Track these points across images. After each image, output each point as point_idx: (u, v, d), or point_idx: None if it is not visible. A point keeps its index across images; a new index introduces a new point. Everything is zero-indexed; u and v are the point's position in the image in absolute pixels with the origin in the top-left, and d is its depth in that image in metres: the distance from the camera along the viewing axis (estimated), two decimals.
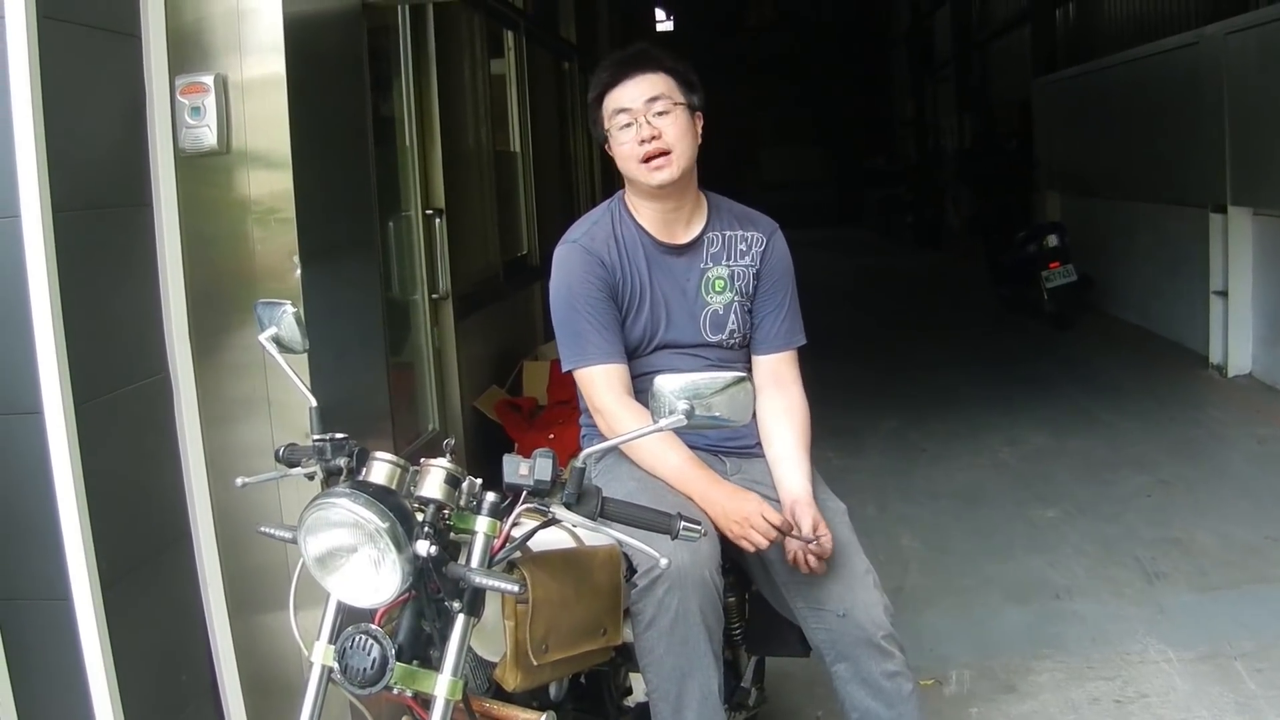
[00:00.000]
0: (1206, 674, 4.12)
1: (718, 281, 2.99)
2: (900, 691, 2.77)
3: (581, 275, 2.90)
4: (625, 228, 2.97)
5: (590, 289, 2.89)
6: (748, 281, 3.01)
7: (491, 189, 7.01)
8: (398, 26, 5.27)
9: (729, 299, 2.99)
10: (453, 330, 5.77)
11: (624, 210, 3.00)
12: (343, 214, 3.62)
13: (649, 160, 2.85)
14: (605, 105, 2.91)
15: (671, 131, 2.87)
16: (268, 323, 2.38)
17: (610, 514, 2.15)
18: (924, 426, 8.05)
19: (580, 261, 2.91)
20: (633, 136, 2.86)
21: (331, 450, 2.20)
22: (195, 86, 3.07)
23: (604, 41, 12.74)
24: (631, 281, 2.93)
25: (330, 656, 2.09)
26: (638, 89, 2.87)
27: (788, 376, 3.06)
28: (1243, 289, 8.68)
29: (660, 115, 2.86)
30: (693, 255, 2.99)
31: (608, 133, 2.92)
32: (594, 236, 2.95)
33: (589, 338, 2.89)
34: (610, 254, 2.93)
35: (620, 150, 2.90)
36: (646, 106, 2.85)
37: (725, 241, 3.01)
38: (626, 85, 2.88)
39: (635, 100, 2.86)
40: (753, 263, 3.02)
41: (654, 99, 2.86)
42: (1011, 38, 18.00)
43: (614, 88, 2.89)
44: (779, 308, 3.05)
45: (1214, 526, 5.62)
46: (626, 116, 2.86)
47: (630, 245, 2.95)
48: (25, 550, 2.74)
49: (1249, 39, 8.34)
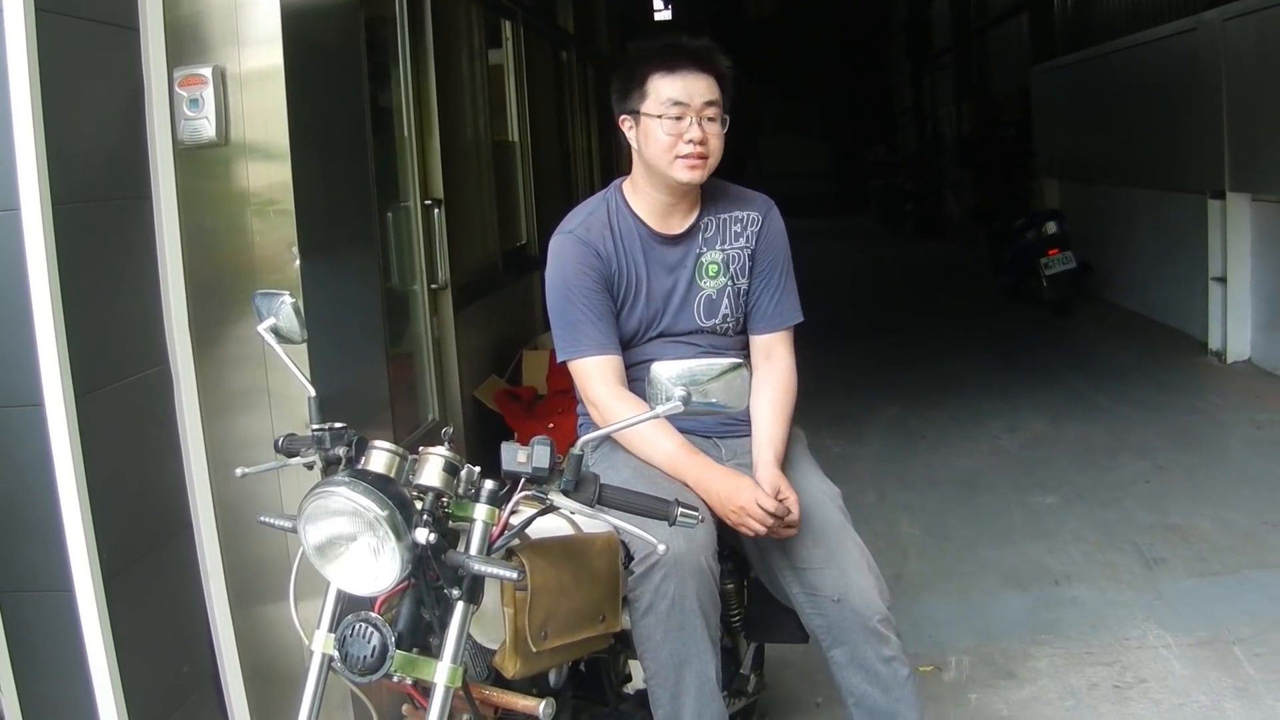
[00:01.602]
0: (1205, 659, 4.13)
1: (711, 266, 2.98)
2: (897, 676, 2.77)
3: (576, 266, 2.90)
4: (622, 217, 2.97)
5: (585, 280, 2.89)
6: (743, 263, 3.01)
7: (490, 179, 7.00)
8: (395, 17, 5.27)
9: (722, 284, 2.99)
10: (452, 320, 5.76)
11: (621, 199, 3.00)
12: (341, 205, 3.62)
13: (686, 157, 2.84)
14: (653, 86, 2.85)
15: (715, 140, 2.86)
16: (266, 313, 2.39)
17: (608, 501, 2.16)
18: (923, 413, 8.06)
19: (575, 252, 2.91)
20: (677, 130, 2.82)
21: (331, 439, 2.20)
22: (193, 79, 3.07)
23: (602, 31, 12.73)
24: (627, 272, 2.93)
25: (330, 645, 2.10)
26: (699, 87, 2.83)
27: (779, 353, 3.06)
28: (1241, 275, 8.69)
29: (710, 121, 2.85)
30: (688, 242, 2.98)
31: (641, 112, 2.87)
32: (589, 227, 2.95)
33: (583, 329, 2.89)
34: (606, 244, 2.92)
35: (655, 137, 2.85)
36: (703, 108, 2.83)
37: (720, 225, 3.01)
38: (688, 78, 2.83)
39: (694, 98, 2.82)
40: (748, 243, 3.01)
41: (710, 103, 2.84)
42: (1010, 25, 17.98)
43: (671, 74, 2.84)
44: (775, 286, 3.04)
45: (1212, 512, 5.63)
46: (681, 110, 2.82)
47: (626, 235, 2.95)
48: (26, 542, 2.74)
49: (1247, 25, 8.34)
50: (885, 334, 11.50)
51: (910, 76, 26.09)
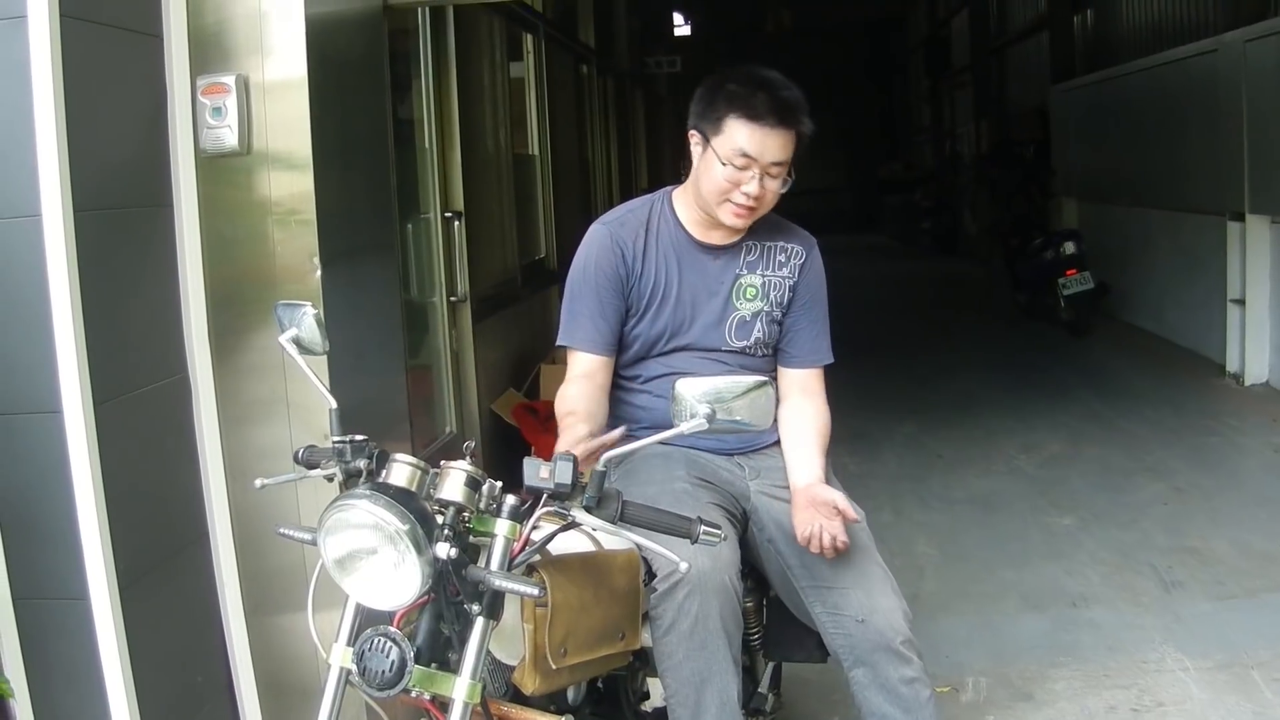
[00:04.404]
0: (1223, 683, 4.10)
1: (750, 289, 2.97)
2: (918, 698, 2.76)
3: (599, 259, 2.92)
4: (663, 221, 2.97)
5: (602, 275, 2.91)
6: (783, 293, 3.00)
7: (510, 192, 7.02)
8: (418, 29, 5.27)
9: (758, 308, 2.97)
10: (470, 333, 5.76)
11: (668, 205, 3.00)
12: (363, 216, 3.62)
13: (737, 205, 2.82)
14: (729, 127, 2.78)
15: (771, 196, 2.84)
16: (288, 324, 2.37)
17: (630, 518, 2.14)
18: (940, 432, 8.04)
19: (603, 245, 2.93)
20: (736, 179, 2.78)
21: (351, 452, 2.19)
22: (217, 87, 3.08)
23: (622, 45, 12.76)
24: (656, 274, 2.92)
25: (348, 658, 2.09)
26: (772, 144, 2.77)
27: (814, 388, 3.06)
28: (1260, 297, 8.65)
29: (772, 179, 2.81)
30: (729, 259, 2.97)
31: (710, 143, 2.82)
32: (624, 222, 2.96)
33: (582, 321, 2.92)
34: (637, 243, 2.92)
35: (713, 175, 2.81)
36: (769, 166, 2.78)
37: (764, 251, 3.00)
38: (765, 133, 2.76)
39: (764, 155, 2.77)
40: (790, 275, 3.00)
41: (778, 163, 2.79)
42: (1029, 44, 17.95)
43: (750, 124, 2.76)
44: (812, 324, 3.04)
45: (1231, 535, 5.60)
46: (747, 163, 2.78)
47: (663, 239, 2.94)
48: (43, 550, 2.74)
49: (1268, 46, 8.31)
50: (901, 351, 11.47)
51: (929, 94, 26.05)
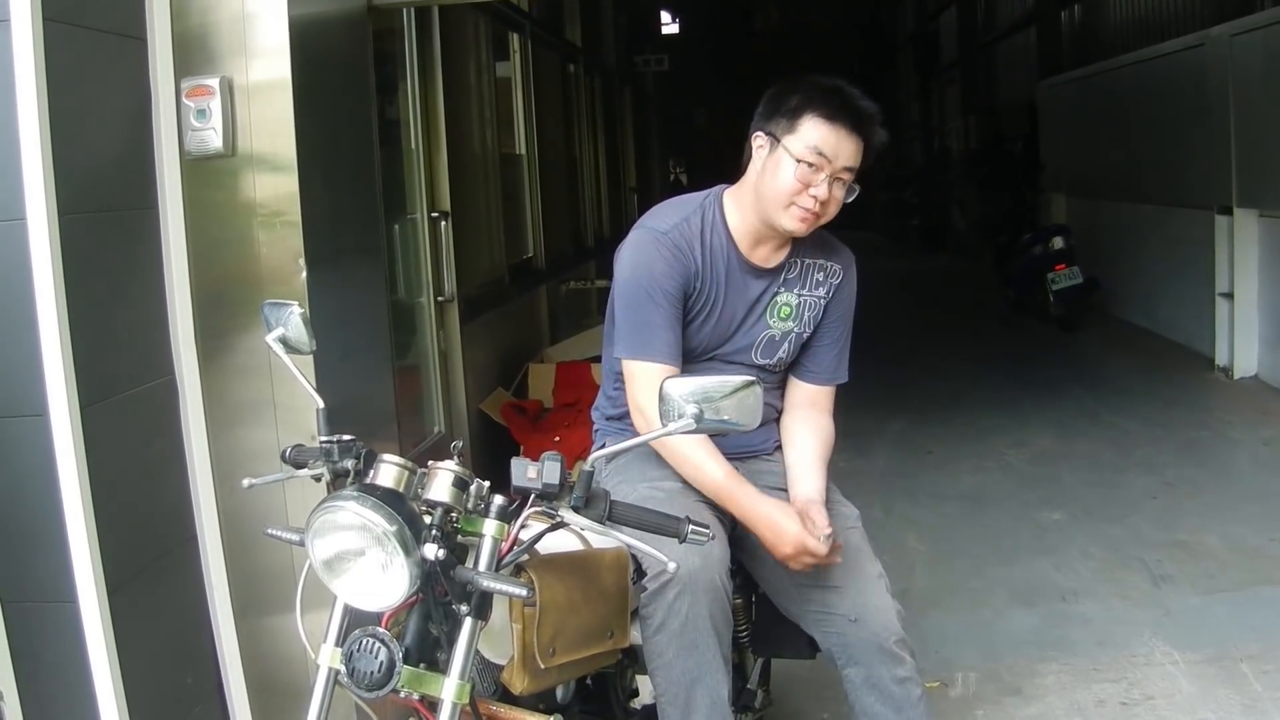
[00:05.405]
0: (1213, 676, 4.12)
1: (784, 309, 2.92)
2: (910, 697, 2.76)
3: (665, 269, 2.78)
4: (715, 234, 2.86)
5: (671, 285, 2.78)
6: (817, 312, 2.96)
7: (497, 192, 7.00)
8: (403, 29, 5.27)
9: (789, 328, 2.92)
10: (458, 333, 5.75)
11: (719, 214, 2.90)
12: (348, 217, 3.61)
13: (802, 209, 2.75)
14: (805, 125, 2.72)
15: (835, 205, 2.78)
16: (275, 324, 2.36)
17: (618, 517, 2.13)
18: (930, 429, 8.06)
19: (667, 255, 2.79)
20: (806, 179, 2.72)
21: (339, 452, 2.18)
22: (201, 89, 3.07)
23: (610, 43, 12.74)
24: (709, 289, 2.84)
25: (337, 659, 2.08)
26: (847, 148, 2.72)
27: (824, 405, 3.03)
28: (1248, 291, 8.68)
29: (840, 184, 2.75)
30: (770, 279, 2.91)
31: (781, 142, 2.75)
32: (683, 234, 2.83)
33: (657, 333, 2.78)
34: (696, 256, 2.82)
35: (782, 174, 2.74)
36: (840, 170, 2.73)
37: (803, 270, 2.94)
38: (841, 135, 2.71)
39: (838, 157, 2.71)
40: (826, 294, 2.96)
41: (849, 169, 2.74)
42: (1017, 40, 17.99)
43: (828, 123, 2.71)
44: (835, 342, 3.01)
45: (1220, 529, 5.62)
46: (821, 163, 2.71)
47: (716, 254, 2.85)
48: (31, 553, 2.73)
49: (1254, 41, 8.34)
50: (890, 348, 11.43)
51: (917, 90, 26.07)
